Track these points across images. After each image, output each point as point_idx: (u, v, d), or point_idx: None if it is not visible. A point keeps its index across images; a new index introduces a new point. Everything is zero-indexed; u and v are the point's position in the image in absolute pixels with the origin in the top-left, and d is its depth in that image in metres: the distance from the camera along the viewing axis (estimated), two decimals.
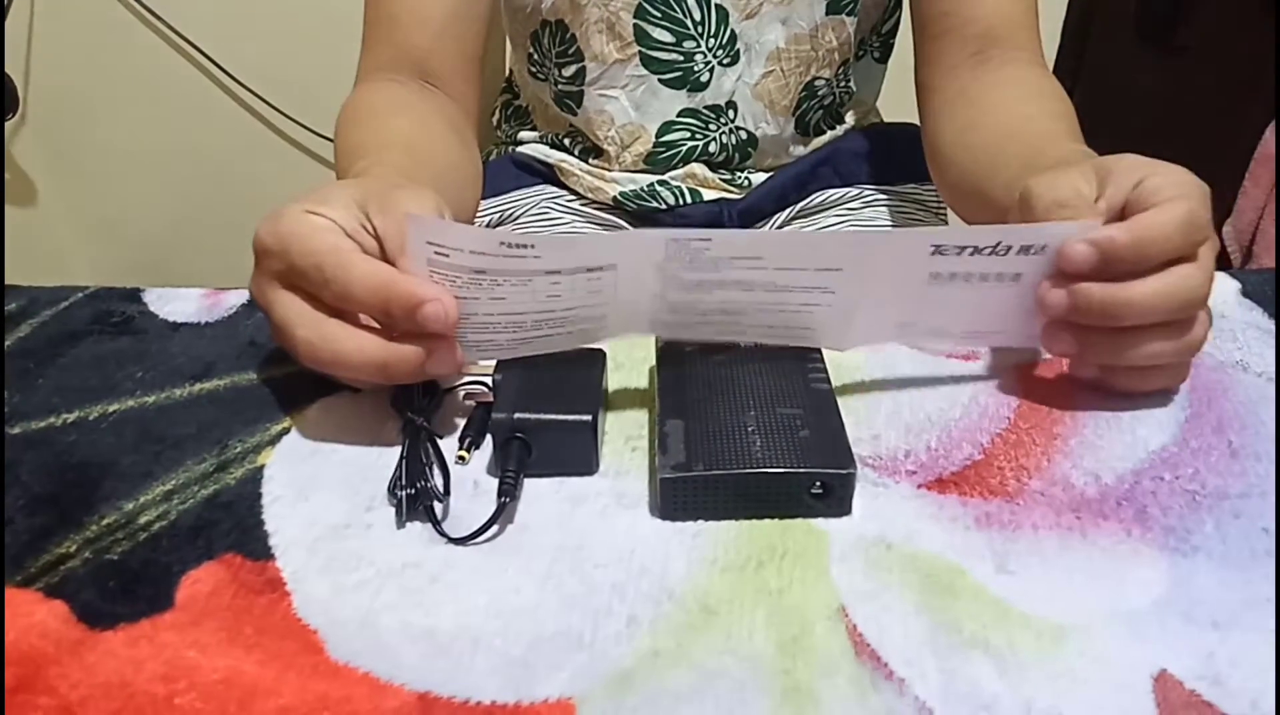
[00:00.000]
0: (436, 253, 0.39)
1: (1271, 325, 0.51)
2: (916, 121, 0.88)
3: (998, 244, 0.41)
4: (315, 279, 0.40)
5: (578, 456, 0.41)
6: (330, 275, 0.39)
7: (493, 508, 0.38)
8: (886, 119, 0.90)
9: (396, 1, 0.68)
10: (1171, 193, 0.41)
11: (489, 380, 0.44)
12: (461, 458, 0.42)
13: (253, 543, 0.38)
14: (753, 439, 0.39)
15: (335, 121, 0.66)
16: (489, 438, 0.42)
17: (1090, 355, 0.43)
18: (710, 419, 0.40)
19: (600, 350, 0.45)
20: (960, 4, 0.68)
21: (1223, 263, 1.36)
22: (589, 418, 0.40)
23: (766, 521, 0.39)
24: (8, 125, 1.50)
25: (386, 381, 0.42)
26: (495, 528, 0.38)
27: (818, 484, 0.38)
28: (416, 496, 0.39)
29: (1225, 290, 0.54)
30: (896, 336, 0.47)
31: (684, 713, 0.31)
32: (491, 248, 0.39)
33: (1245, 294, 0.53)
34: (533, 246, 0.39)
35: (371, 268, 0.40)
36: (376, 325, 0.41)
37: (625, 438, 0.43)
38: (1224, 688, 0.32)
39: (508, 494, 0.39)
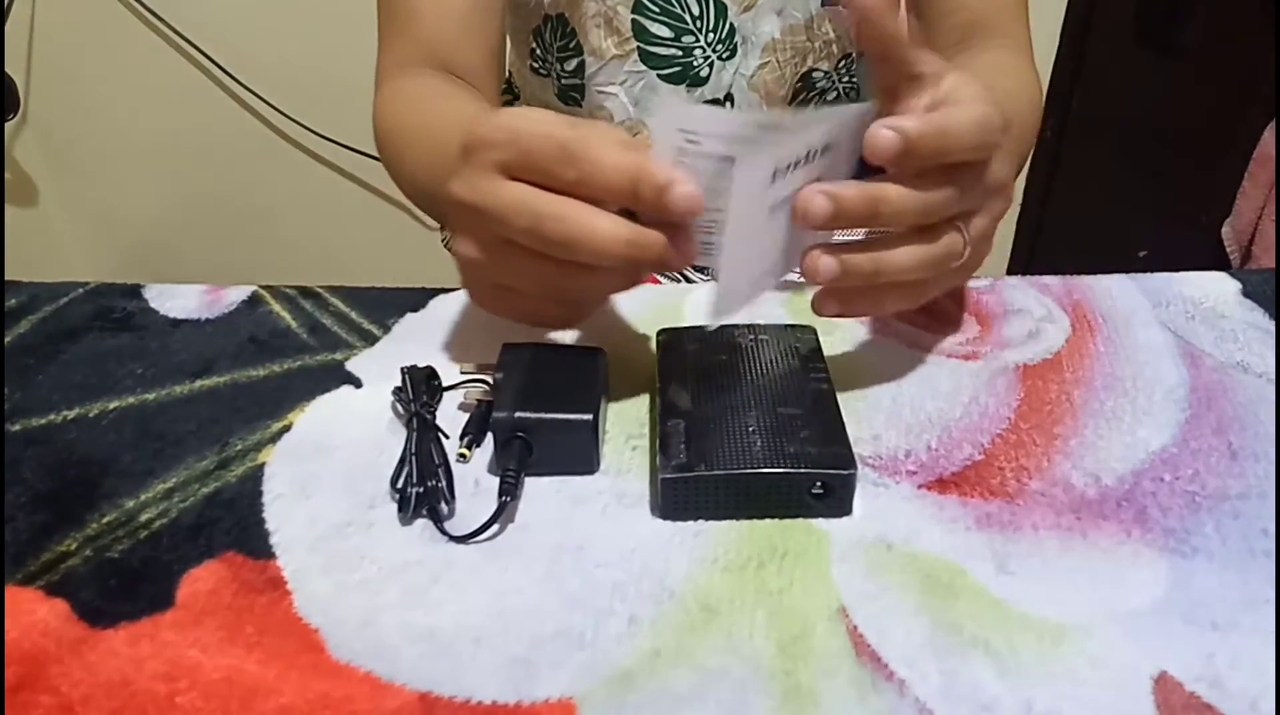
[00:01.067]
0: (688, 140, 0.37)
1: (1272, 326, 0.51)
2: None
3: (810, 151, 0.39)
4: (558, 158, 0.38)
5: (578, 455, 0.41)
6: (578, 151, 0.38)
7: (493, 507, 0.38)
8: None
9: None
10: (969, 95, 0.41)
11: (489, 378, 0.44)
12: (463, 456, 0.42)
13: (254, 541, 0.38)
14: (753, 439, 0.39)
15: (376, 124, 0.65)
16: (489, 436, 0.42)
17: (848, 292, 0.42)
18: (711, 419, 0.40)
19: (600, 349, 0.45)
20: None
21: (1222, 263, 1.37)
22: (589, 417, 0.40)
23: (767, 521, 0.39)
24: (8, 125, 1.50)
25: (627, 266, 0.40)
26: (496, 527, 0.38)
27: (818, 484, 0.38)
28: (424, 495, 0.39)
29: (1225, 290, 0.54)
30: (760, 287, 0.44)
31: (684, 713, 0.31)
32: (748, 130, 0.37)
33: (1245, 294, 0.53)
34: (783, 124, 0.37)
35: (620, 148, 0.38)
36: None
37: (625, 437, 0.43)
38: (1224, 689, 0.32)
39: (508, 493, 0.39)
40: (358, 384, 0.47)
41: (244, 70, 1.48)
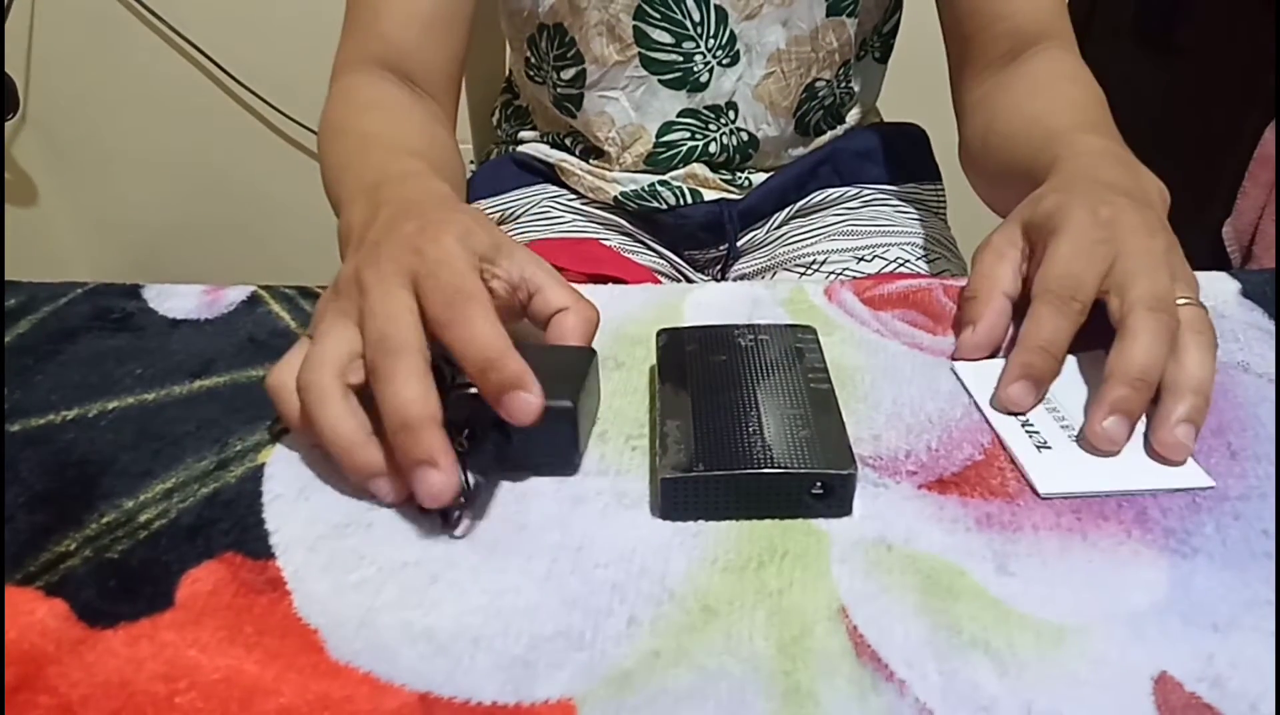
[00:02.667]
0: None
1: (1272, 326, 0.51)
2: (916, 121, 0.88)
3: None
4: (443, 310, 0.39)
5: (558, 450, 0.40)
6: (457, 316, 0.38)
7: (488, 507, 0.38)
8: (886, 119, 0.90)
9: None
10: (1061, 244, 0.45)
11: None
12: (461, 445, 0.40)
13: (253, 541, 0.38)
14: (754, 439, 0.39)
15: (323, 115, 0.65)
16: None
17: None
18: (711, 419, 0.40)
19: (591, 349, 0.45)
20: (987, 2, 0.68)
21: (1222, 263, 1.36)
22: (569, 404, 0.40)
23: (767, 521, 0.39)
24: (8, 125, 1.50)
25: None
26: (468, 522, 0.38)
27: (818, 484, 0.38)
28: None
29: (1225, 290, 0.54)
30: None
31: (684, 713, 0.31)
32: None
33: (1245, 294, 0.53)
34: None
35: (496, 331, 0.38)
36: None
37: (625, 437, 0.43)
38: (1224, 690, 0.32)
39: (479, 470, 0.38)
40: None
41: (244, 70, 1.48)
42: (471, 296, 0.39)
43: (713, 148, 0.78)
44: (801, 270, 0.78)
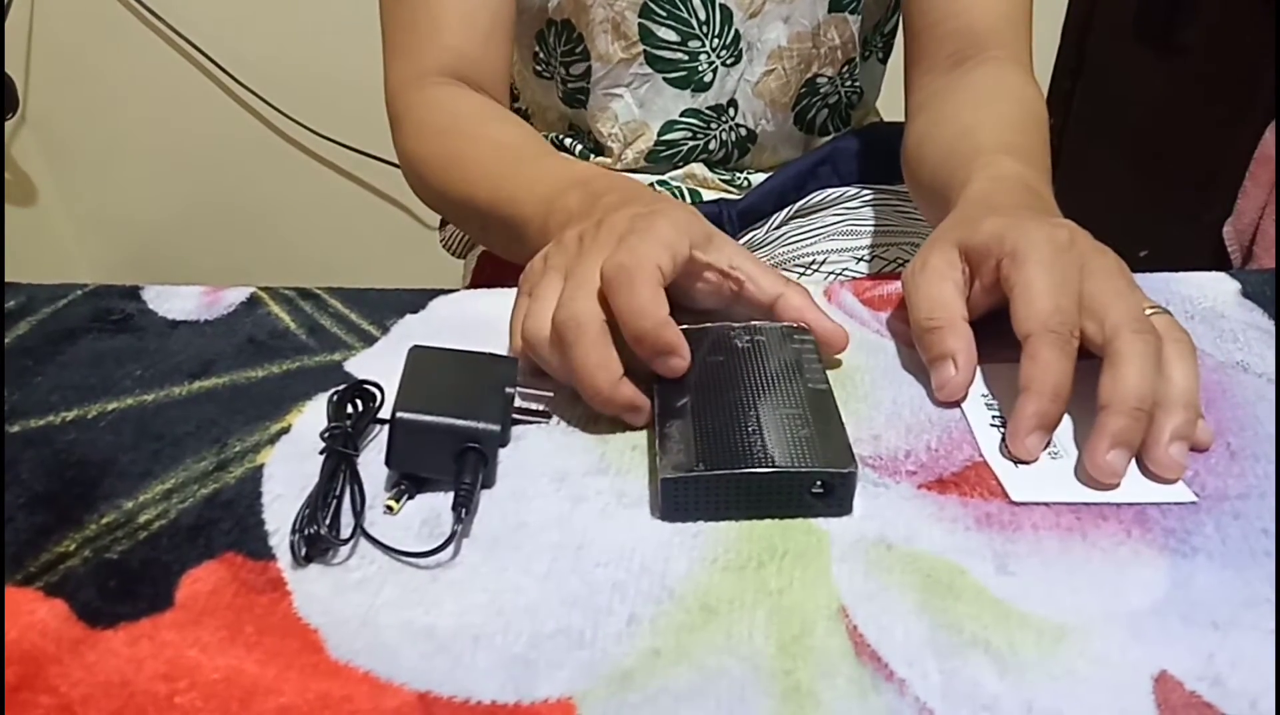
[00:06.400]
0: None
1: (1271, 326, 0.51)
2: None
3: None
4: (610, 285, 0.42)
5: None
6: (620, 288, 0.41)
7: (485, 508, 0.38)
8: (886, 119, 0.90)
9: (440, 2, 0.66)
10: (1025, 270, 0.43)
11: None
12: (390, 508, 0.39)
13: (253, 542, 0.38)
14: (754, 439, 0.39)
15: (409, 134, 0.65)
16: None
17: None
18: (711, 419, 0.40)
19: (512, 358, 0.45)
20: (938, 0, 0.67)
21: (1223, 263, 1.36)
22: (496, 427, 0.40)
23: (767, 521, 0.39)
24: (8, 125, 1.50)
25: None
26: (451, 549, 0.37)
27: (819, 483, 0.38)
28: (314, 540, 0.37)
29: (1225, 290, 0.54)
30: None
31: (684, 712, 0.31)
32: None
33: (1245, 294, 0.53)
34: None
35: (658, 306, 0.41)
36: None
37: (625, 437, 0.43)
38: (1224, 689, 0.32)
39: (464, 505, 0.38)
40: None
41: (244, 70, 1.48)
42: (639, 266, 0.41)
43: (712, 144, 0.78)
44: (801, 270, 0.78)
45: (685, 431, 0.40)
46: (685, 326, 0.47)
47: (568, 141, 0.82)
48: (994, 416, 0.44)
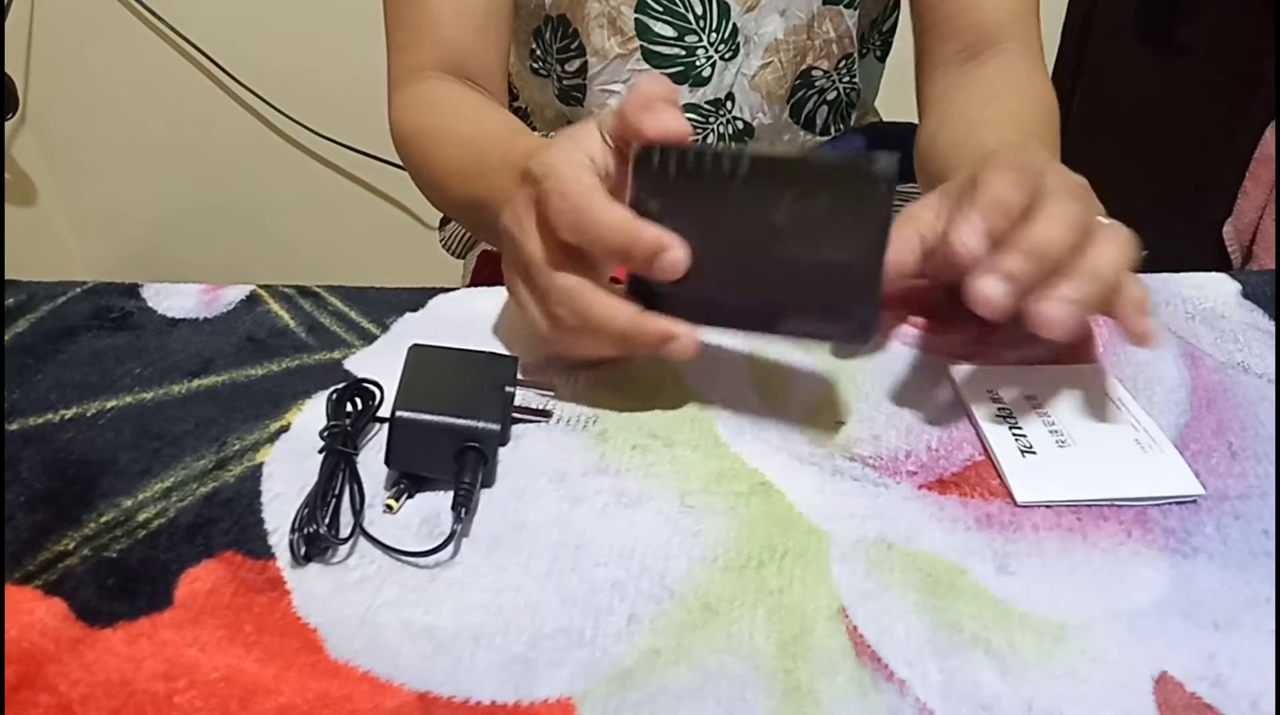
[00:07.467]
0: None
1: (1271, 326, 0.51)
2: (915, 121, 0.88)
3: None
4: (570, 224, 0.40)
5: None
6: (583, 217, 0.40)
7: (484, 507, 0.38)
8: (885, 119, 0.90)
9: None
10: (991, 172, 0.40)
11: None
12: (389, 507, 0.39)
13: (252, 541, 0.38)
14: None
15: (398, 126, 0.65)
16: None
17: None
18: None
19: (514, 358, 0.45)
20: None
21: (1223, 263, 1.36)
22: (497, 427, 0.39)
23: (766, 521, 0.39)
24: (7, 125, 1.50)
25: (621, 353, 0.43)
26: (450, 549, 0.37)
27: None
28: (314, 539, 0.37)
29: (1225, 291, 0.54)
30: None
31: (684, 711, 0.31)
32: None
33: (1245, 295, 0.53)
34: None
35: (618, 213, 0.40)
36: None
37: (625, 438, 0.43)
38: (1224, 689, 0.32)
39: (463, 505, 0.38)
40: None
41: (244, 70, 1.48)
42: (582, 193, 0.40)
43: (710, 139, 0.78)
44: None
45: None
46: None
47: None
48: (999, 409, 0.43)
